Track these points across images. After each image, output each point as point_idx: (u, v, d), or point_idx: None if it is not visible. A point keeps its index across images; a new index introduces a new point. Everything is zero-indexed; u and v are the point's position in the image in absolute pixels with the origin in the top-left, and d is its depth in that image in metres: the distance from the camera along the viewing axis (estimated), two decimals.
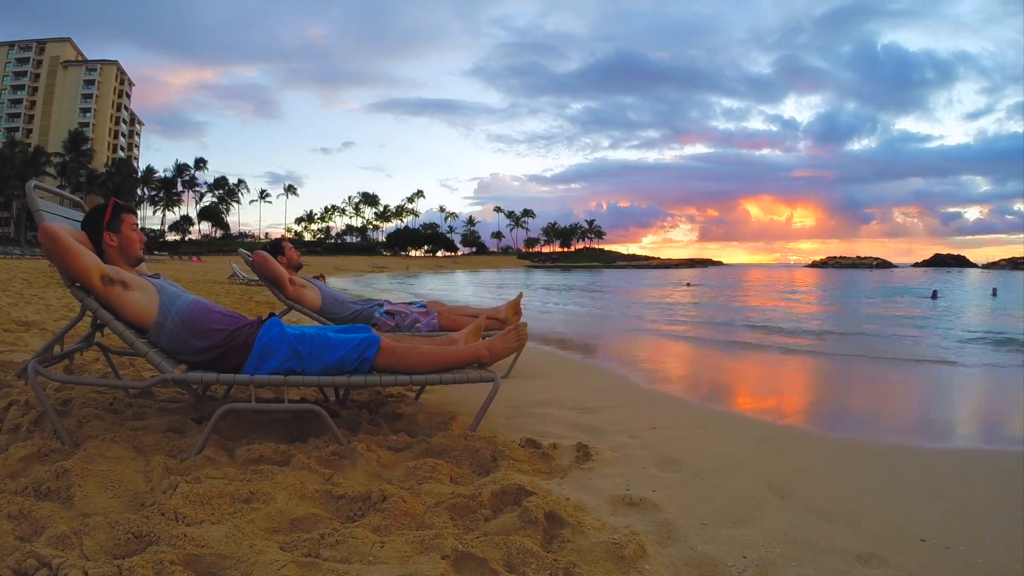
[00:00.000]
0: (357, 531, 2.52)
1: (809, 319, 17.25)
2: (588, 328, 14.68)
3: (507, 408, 5.08)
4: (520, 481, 3.06)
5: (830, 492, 3.43)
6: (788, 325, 15.01)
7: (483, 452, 3.58)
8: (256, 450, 3.43)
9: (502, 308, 6.80)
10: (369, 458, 3.43)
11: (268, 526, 2.60)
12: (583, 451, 3.87)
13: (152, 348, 3.65)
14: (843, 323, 16.63)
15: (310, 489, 2.97)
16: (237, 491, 2.84)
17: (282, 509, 2.72)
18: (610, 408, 5.30)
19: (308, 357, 3.76)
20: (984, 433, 5.18)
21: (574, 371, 7.54)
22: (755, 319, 17.11)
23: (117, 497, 2.84)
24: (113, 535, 2.39)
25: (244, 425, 4.01)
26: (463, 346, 4.24)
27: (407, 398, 5.20)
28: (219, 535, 2.42)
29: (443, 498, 2.93)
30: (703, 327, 14.91)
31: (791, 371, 8.36)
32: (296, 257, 6.79)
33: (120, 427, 3.75)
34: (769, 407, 5.83)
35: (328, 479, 3.15)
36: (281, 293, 6.25)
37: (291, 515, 2.69)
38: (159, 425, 3.88)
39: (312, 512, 2.74)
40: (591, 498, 3.16)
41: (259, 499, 2.81)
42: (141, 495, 2.87)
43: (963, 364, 9.13)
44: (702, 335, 13.20)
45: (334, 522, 2.69)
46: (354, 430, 4.08)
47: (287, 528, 2.62)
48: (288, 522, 2.65)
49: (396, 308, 6.59)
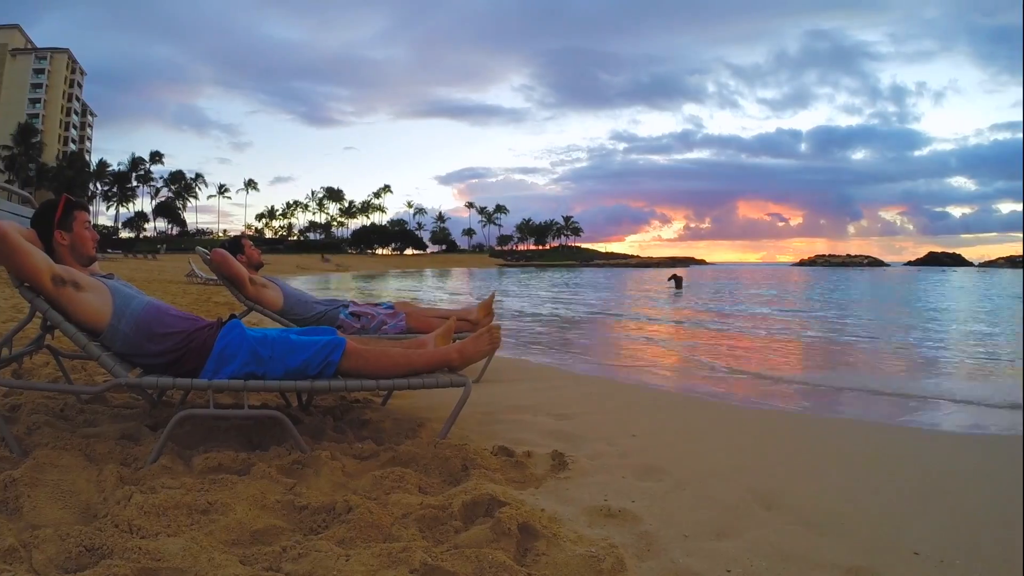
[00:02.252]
0: (321, 544, 2.51)
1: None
2: (565, 330, 14.70)
3: (479, 414, 5.08)
4: (492, 491, 3.05)
5: (819, 501, 3.44)
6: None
7: (453, 461, 3.58)
8: (214, 458, 3.41)
9: (474, 309, 6.82)
10: (333, 467, 3.42)
11: (227, 538, 2.59)
12: (559, 459, 3.87)
13: (105, 351, 3.62)
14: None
15: (271, 499, 2.96)
16: (194, 501, 2.83)
17: (242, 520, 2.71)
18: (587, 414, 5.31)
19: (269, 360, 3.75)
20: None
21: (549, 375, 7.55)
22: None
23: (68, 508, 2.82)
24: (64, 548, 2.37)
25: (202, 432, 3.99)
26: (432, 349, 4.24)
27: (373, 404, 5.19)
28: (175, 548, 2.40)
29: (411, 509, 2.92)
30: (683, 328, 14.99)
31: (778, 374, 8.40)
32: (257, 255, 6.77)
33: (71, 434, 3.72)
34: (756, 414, 5.86)
35: (290, 489, 3.14)
36: (241, 293, 6.22)
37: (251, 527, 2.68)
38: (112, 432, 3.86)
39: (273, 524, 2.74)
40: (567, 509, 3.16)
41: (217, 510, 2.79)
42: (93, 506, 2.85)
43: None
44: (683, 336, 13.28)
45: (296, 534, 2.69)
46: (318, 437, 4.07)
47: (247, 541, 2.61)
48: (248, 534, 2.64)
49: (362, 309, 6.58)
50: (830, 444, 4.70)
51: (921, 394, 7.17)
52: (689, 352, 11.09)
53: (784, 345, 12.16)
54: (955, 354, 11.07)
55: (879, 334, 14.32)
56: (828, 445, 4.66)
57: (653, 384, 7.44)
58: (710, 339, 13.07)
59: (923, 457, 4.47)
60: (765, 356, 10.50)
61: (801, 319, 18.44)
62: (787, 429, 5.21)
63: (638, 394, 6.60)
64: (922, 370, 9.41)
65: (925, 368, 9.60)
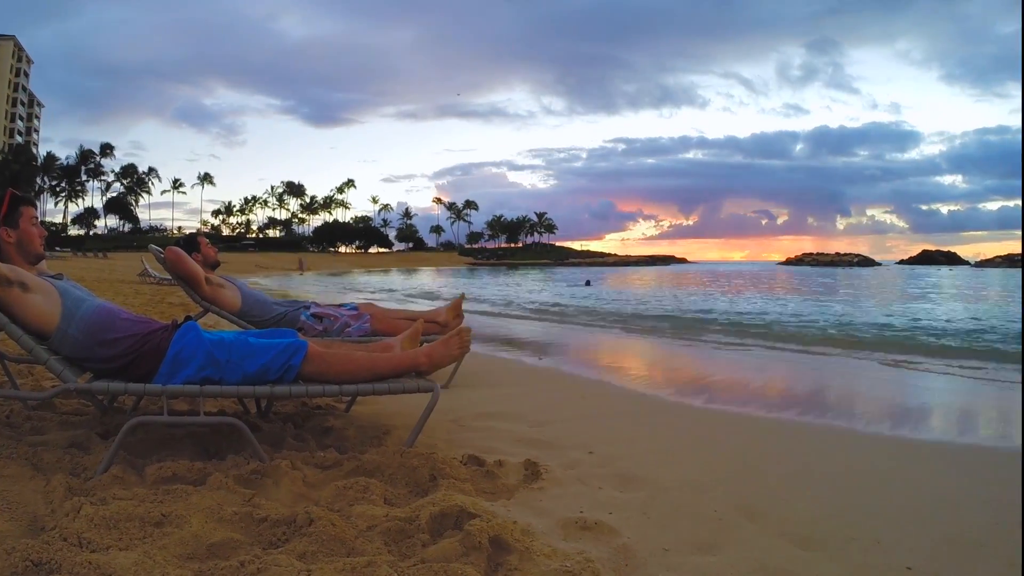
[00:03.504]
0: (280, 558, 2.51)
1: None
2: (537, 332, 14.71)
3: (447, 421, 5.08)
4: (461, 502, 3.05)
5: (806, 514, 3.45)
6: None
7: (421, 470, 3.58)
8: (168, 468, 3.39)
9: (442, 310, 6.81)
10: (294, 477, 3.42)
11: (182, 552, 2.58)
12: (532, 469, 3.88)
13: (53, 356, 3.59)
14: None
15: (228, 511, 2.94)
16: (147, 513, 2.81)
17: (197, 533, 2.70)
18: (562, 421, 5.33)
19: (227, 365, 3.73)
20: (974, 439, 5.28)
21: (522, 380, 7.56)
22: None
23: (13, 520, 2.79)
24: (9, 562, 2.35)
25: (155, 440, 3.96)
26: (399, 352, 4.22)
27: (336, 410, 5.18)
28: (127, 562, 2.39)
29: (376, 521, 2.92)
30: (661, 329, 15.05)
31: (763, 379, 8.43)
32: (213, 254, 6.74)
33: (17, 443, 3.69)
34: (738, 420, 5.88)
35: (248, 500, 3.12)
36: (196, 294, 6.20)
37: (207, 540, 2.67)
38: (61, 440, 3.82)
39: (230, 537, 2.72)
40: (541, 521, 3.17)
41: (172, 522, 2.78)
42: (41, 518, 2.83)
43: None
44: (661, 337, 13.31)
45: (255, 548, 2.67)
46: (277, 446, 4.06)
47: (203, 555, 2.60)
48: (204, 548, 2.63)
49: (324, 311, 6.57)
50: (814, 452, 4.73)
51: (910, 400, 7.23)
52: (669, 356, 11.14)
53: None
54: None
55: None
56: (812, 453, 4.69)
57: (632, 389, 7.45)
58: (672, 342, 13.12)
59: (912, 466, 4.50)
60: (739, 366, 10.53)
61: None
62: (770, 436, 5.23)
63: (616, 400, 6.61)
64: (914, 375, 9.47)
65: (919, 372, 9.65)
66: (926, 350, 12.05)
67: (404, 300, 28.03)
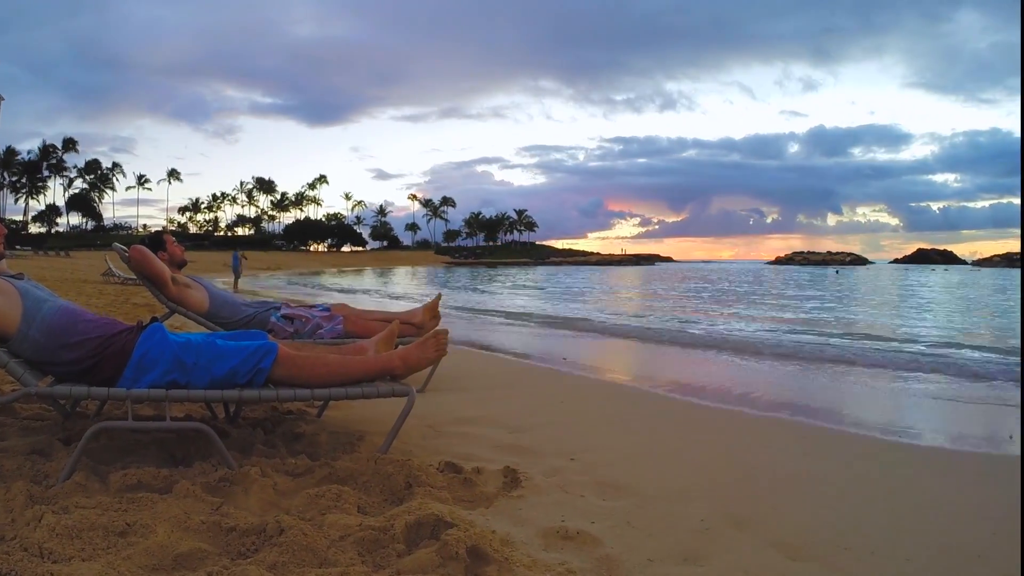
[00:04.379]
0: (250, 569, 2.51)
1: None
2: (517, 333, 14.71)
3: (423, 427, 5.08)
4: (438, 511, 3.05)
5: (797, 522, 3.45)
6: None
7: (395, 478, 3.58)
8: (133, 475, 3.38)
9: (418, 311, 6.80)
10: (264, 484, 3.41)
11: (147, 563, 2.57)
12: (511, 476, 3.88)
13: (13, 358, 3.58)
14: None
15: (196, 520, 2.93)
16: (111, 522, 2.80)
17: (163, 543, 2.69)
18: (543, 426, 5.34)
19: (194, 368, 3.72)
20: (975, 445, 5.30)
21: (501, 383, 7.56)
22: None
23: None
24: None
25: (120, 447, 3.95)
26: (373, 355, 4.22)
27: (308, 415, 5.17)
28: (90, 574, 2.38)
29: (349, 530, 2.92)
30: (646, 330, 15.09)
31: (749, 383, 8.45)
32: (180, 252, 6.72)
33: None
34: (727, 426, 5.88)
35: (216, 509, 3.12)
36: (162, 294, 6.17)
37: (174, 550, 2.66)
38: (21, 447, 3.81)
39: (198, 547, 2.72)
40: (520, 531, 3.17)
41: (137, 532, 2.77)
42: (0, 527, 2.83)
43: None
44: (645, 338, 13.32)
45: (223, 558, 2.67)
46: (246, 452, 4.04)
47: (169, 565, 2.60)
48: (170, 558, 2.63)
49: (295, 312, 6.56)
50: (804, 458, 4.74)
51: (902, 406, 7.26)
52: (652, 359, 11.16)
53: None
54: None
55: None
56: (802, 459, 4.71)
57: (616, 394, 7.46)
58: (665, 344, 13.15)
59: (906, 472, 4.53)
60: (723, 367, 10.57)
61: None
62: (759, 441, 5.24)
63: (599, 404, 6.61)
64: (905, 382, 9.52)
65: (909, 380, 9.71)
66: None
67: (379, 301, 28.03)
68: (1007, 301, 32.75)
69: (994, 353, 12.29)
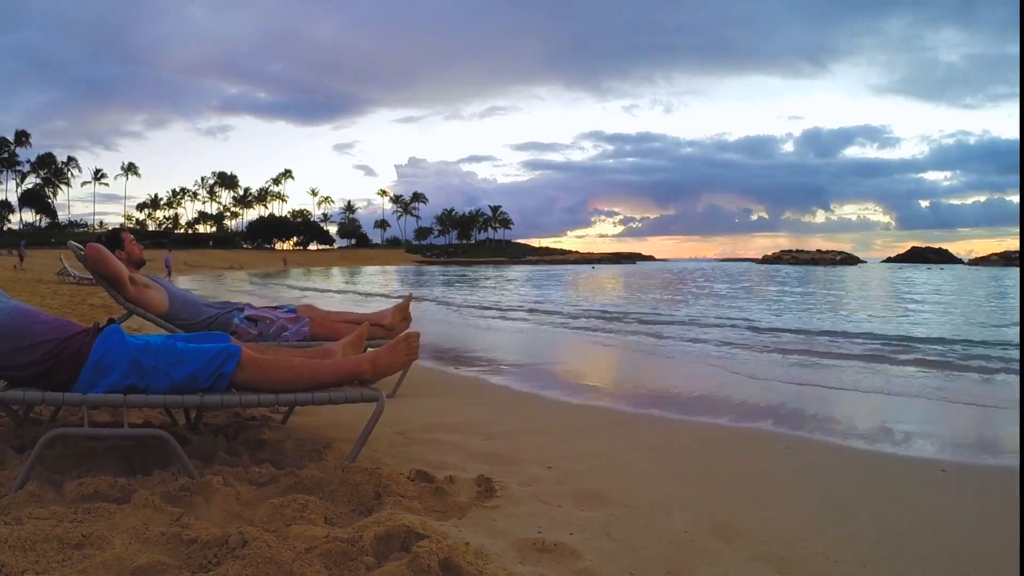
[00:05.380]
0: None
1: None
2: (491, 335, 14.72)
3: (393, 434, 5.08)
4: (409, 522, 3.05)
5: (785, 534, 3.46)
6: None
7: (364, 487, 3.58)
8: (90, 484, 3.36)
9: (388, 313, 6.80)
10: (226, 494, 3.40)
11: None
12: (486, 485, 3.88)
13: None
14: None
15: (155, 531, 2.92)
16: (67, 534, 2.79)
17: (121, 556, 2.68)
18: (518, 433, 5.35)
19: (153, 372, 3.70)
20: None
21: (475, 388, 7.58)
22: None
23: None
24: None
25: (75, 454, 3.92)
26: (341, 359, 4.22)
27: (273, 422, 5.17)
28: None
29: (316, 542, 2.91)
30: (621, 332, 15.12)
31: (733, 388, 8.47)
32: (138, 251, 6.69)
33: None
34: (712, 433, 5.90)
35: (177, 519, 3.11)
36: (120, 294, 6.13)
37: (132, 563, 2.65)
38: None
39: (157, 559, 2.71)
40: (495, 542, 3.16)
41: (93, 544, 2.76)
42: None
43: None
44: (625, 341, 13.36)
45: (184, 572, 2.66)
46: (208, 461, 4.03)
47: None
48: (128, 571, 2.61)
49: (260, 313, 6.54)
50: (793, 467, 4.77)
51: (888, 415, 7.30)
52: (632, 363, 11.19)
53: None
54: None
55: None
56: (791, 468, 4.73)
57: (593, 399, 7.47)
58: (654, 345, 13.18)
59: (899, 483, 4.55)
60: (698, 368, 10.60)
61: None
62: (745, 449, 5.27)
63: (577, 410, 6.63)
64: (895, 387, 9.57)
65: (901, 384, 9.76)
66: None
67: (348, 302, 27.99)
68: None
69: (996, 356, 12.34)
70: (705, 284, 47.64)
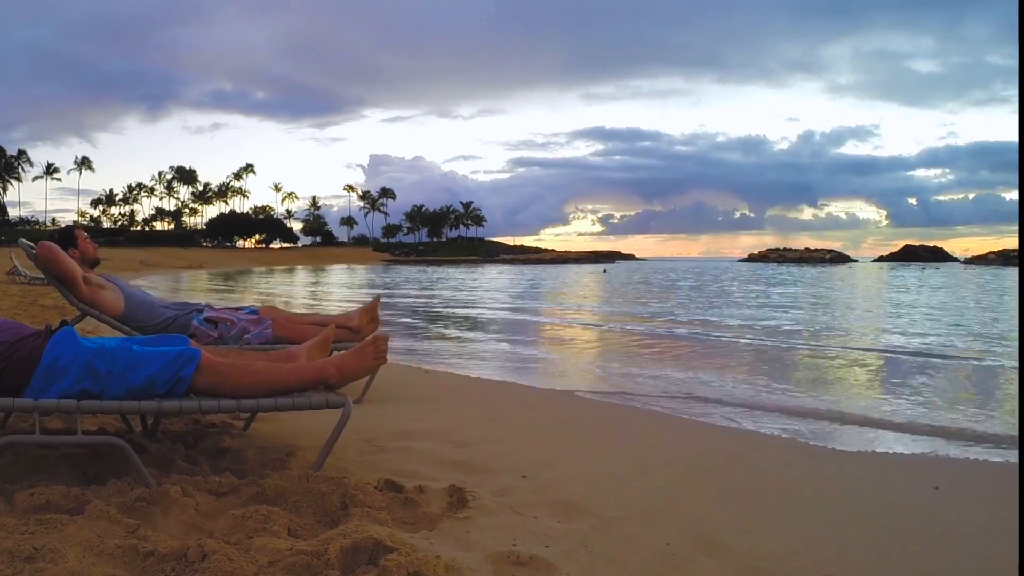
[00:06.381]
0: None
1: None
2: (464, 337, 14.71)
3: (361, 441, 5.07)
4: (377, 534, 3.05)
5: (772, 546, 3.44)
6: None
7: (330, 497, 3.57)
8: (42, 494, 3.35)
9: (355, 314, 6.79)
10: (185, 505, 3.38)
11: None
12: (457, 495, 3.88)
13: None
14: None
15: (110, 544, 2.91)
16: (17, 547, 2.77)
17: (74, 570, 2.67)
18: (492, 440, 5.35)
19: (108, 376, 3.68)
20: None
21: (447, 393, 7.57)
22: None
23: None
24: None
25: (26, 463, 3.90)
26: (305, 363, 4.21)
27: (234, 428, 5.15)
28: None
29: (279, 555, 2.90)
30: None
31: (716, 389, 8.47)
32: (92, 250, 6.65)
33: None
34: (694, 439, 5.92)
35: (133, 531, 3.09)
36: (73, 295, 6.10)
37: None
38: None
39: (112, 573, 2.70)
40: (467, 555, 3.15)
41: (45, 557, 2.74)
42: None
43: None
44: (604, 344, 13.39)
45: None
46: (166, 469, 4.01)
47: None
48: None
49: (220, 315, 6.52)
50: (782, 473, 4.78)
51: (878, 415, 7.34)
52: (610, 364, 11.20)
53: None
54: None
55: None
56: (780, 475, 4.74)
57: (572, 404, 7.49)
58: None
59: (896, 487, 4.57)
60: None
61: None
62: (731, 455, 5.29)
63: (553, 416, 6.64)
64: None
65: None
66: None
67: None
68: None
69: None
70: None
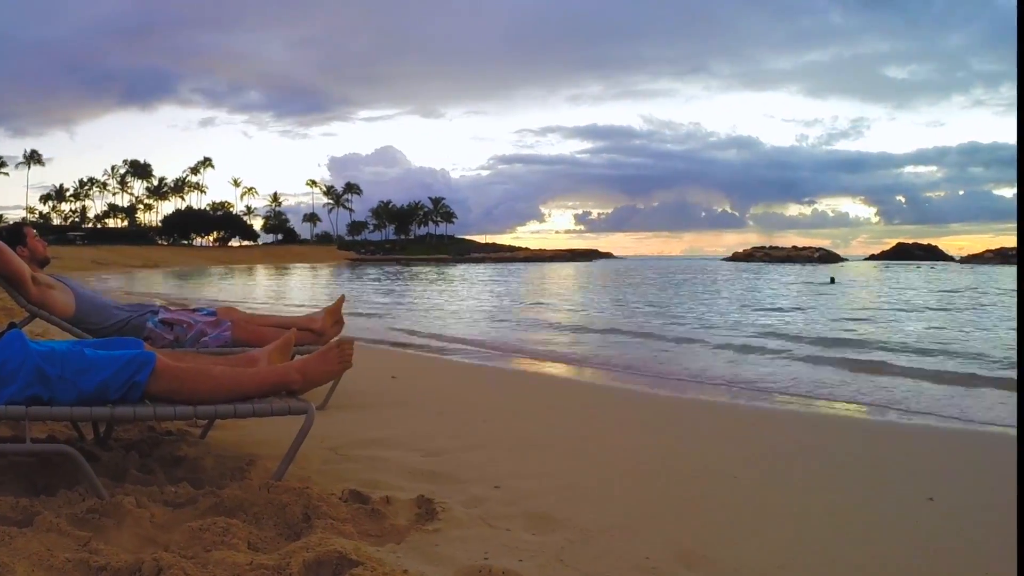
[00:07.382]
0: None
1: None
2: (434, 341, 14.71)
3: (324, 450, 5.06)
4: (341, 547, 3.04)
5: (758, 561, 3.44)
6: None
7: (292, 508, 3.55)
8: None
9: (318, 316, 6.77)
10: (139, 516, 3.36)
11: None
12: (426, 507, 3.87)
13: None
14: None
15: (60, 558, 2.89)
16: None
17: None
18: (463, 449, 5.34)
19: (58, 381, 3.65)
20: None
21: (415, 399, 7.56)
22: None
23: None
24: None
25: None
26: (266, 367, 4.20)
27: (190, 436, 5.13)
28: None
29: (239, 570, 2.89)
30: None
31: (697, 391, 8.50)
32: (42, 248, 6.61)
33: None
34: (678, 444, 5.93)
35: (84, 545, 3.07)
36: (21, 296, 6.07)
37: None
38: None
39: None
40: (437, 570, 3.15)
41: None
42: None
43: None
44: (583, 350, 13.39)
45: None
46: (119, 479, 3.99)
47: None
48: None
49: (176, 316, 6.49)
50: (765, 483, 4.78)
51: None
52: (584, 369, 11.22)
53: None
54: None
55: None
56: (763, 484, 4.74)
57: (544, 410, 7.48)
58: None
59: (886, 496, 4.56)
60: None
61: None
62: (711, 466, 5.24)
63: (525, 424, 6.64)
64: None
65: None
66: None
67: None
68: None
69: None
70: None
